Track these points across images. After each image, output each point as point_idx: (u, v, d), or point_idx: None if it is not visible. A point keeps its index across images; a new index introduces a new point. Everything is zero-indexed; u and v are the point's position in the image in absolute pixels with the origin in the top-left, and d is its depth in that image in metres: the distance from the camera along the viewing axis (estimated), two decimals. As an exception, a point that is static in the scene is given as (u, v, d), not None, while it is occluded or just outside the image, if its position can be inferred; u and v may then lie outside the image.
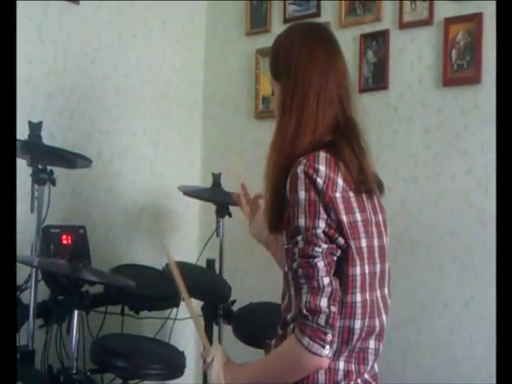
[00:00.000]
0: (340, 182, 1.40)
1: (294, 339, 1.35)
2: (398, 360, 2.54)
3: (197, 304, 2.43)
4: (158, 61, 3.07)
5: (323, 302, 1.33)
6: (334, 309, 1.34)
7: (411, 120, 2.58)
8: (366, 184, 1.45)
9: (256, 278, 2.99)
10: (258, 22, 3.08)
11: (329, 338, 1.32)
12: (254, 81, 3.08)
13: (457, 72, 2.44)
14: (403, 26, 2.59)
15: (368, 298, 1.42)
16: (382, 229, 1.52)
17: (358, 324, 1.40)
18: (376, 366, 1.52)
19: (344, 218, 1.38)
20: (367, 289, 1.42)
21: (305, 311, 1.34)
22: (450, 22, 2.46)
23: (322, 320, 1.32)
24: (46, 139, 2.09)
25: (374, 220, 1.48)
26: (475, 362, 2.36)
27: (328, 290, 1.34)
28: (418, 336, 2.52)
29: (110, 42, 2.85)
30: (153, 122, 3.05)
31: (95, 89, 2.80)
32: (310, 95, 1.44)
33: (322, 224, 1.36)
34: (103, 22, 2.81)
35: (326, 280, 1.34)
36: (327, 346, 1.33)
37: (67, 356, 2.13)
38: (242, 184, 1.88)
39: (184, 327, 2.73)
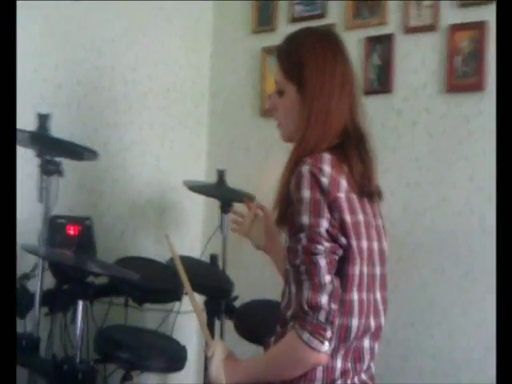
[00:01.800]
0: (343, 182, 1.44)
1: (293, 335, 1.38)
2: (397, 363, 2.54)
3: (199, 299, 2.46)
4: (164, 56, 3.08)
5: (324, 299, 1.36)
6: (334, 306, 1.37)
7: (415, 125, 2.59)
8: (368, 187, 1.50)
9: (258, 275, 3.00)
10: (264, 20, 3.10)
11: (328, 334, 1.36)
12: (259, 79, 3.09)
13: (461, 79, 2.46)
14: (408, 30, 2.60)
15: (365, 297, 1.46)
16: (382, 234, 1.56)
17: (355, 322, 1.43)
18: (373, 367, 1.55)
19: (348, 217, 1.42)
20: (364, 288, 1.46)
21: (306, 307, 1.37)
22: (454, 28, 2.47)
23: (322, 316, 1.35)
24: (54, 130, 2.11)
25: (374, 224, 1.52)
26: (475, 367, 2.37)
27: (329, 287, 1.37)
28: (418, 340, 2.52)
29: (118, 35, 2.87)
30: (159, 117, 3.07)
31: (103, 81, 2.82)
32: (332, 100, 1.49)
33: (325, 223, 1.39)
34: (111, 16, 2.83)
35: (328, 278, 1.37)
36: (326, 342, 1.36)
37: (71, 345, 2.16)
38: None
39: (186, 321, 2.75)
